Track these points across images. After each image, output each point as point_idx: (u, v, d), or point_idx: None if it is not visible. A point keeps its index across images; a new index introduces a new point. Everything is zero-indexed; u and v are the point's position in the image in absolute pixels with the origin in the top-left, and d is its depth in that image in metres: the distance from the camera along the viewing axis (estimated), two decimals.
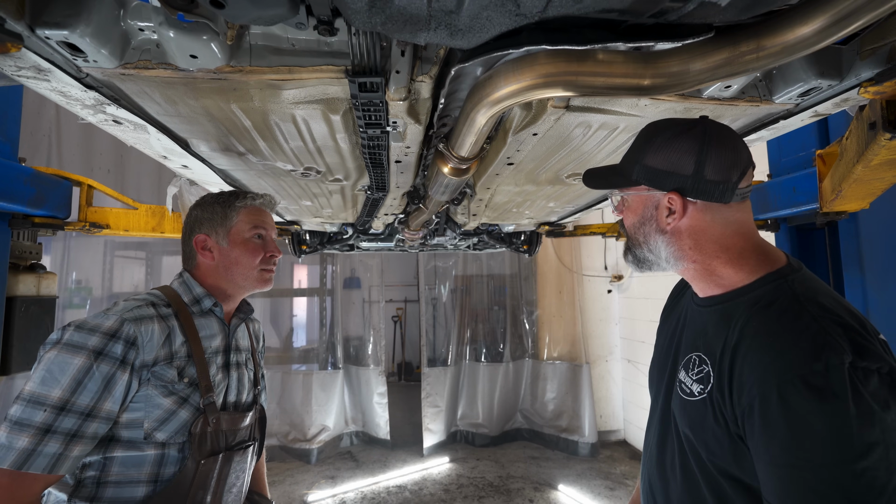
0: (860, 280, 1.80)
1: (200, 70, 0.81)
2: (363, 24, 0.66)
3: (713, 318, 0.80)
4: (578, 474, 4.19)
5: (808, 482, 0.59)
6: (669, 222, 0.79)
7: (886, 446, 0.57)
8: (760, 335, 0.69)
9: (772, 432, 0.63)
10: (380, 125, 1.01)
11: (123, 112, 0.94)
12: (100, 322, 0.88)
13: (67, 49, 0.74)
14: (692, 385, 0.79)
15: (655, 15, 0.67)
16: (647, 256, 0.85)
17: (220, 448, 0.98)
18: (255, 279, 1.10)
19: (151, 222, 2.04)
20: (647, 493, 0.93)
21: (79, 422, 0.81)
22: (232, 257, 1.07)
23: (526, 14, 0.65)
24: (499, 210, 2.09)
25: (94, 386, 0.83)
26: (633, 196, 0.84)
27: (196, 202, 1.13)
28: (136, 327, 0.90)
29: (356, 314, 5.39)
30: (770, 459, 0.63)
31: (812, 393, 0.60)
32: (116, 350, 0.86)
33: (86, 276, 4.31)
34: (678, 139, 0.78)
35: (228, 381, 1.06)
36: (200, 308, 1.05)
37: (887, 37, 0.82)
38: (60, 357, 0.83)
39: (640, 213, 0.84)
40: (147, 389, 0.90)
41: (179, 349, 0.96)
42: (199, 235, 1.08)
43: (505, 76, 0.80)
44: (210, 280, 1.08)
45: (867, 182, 1.20)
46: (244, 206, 1.10)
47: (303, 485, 4.04)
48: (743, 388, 0.67)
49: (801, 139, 1.95)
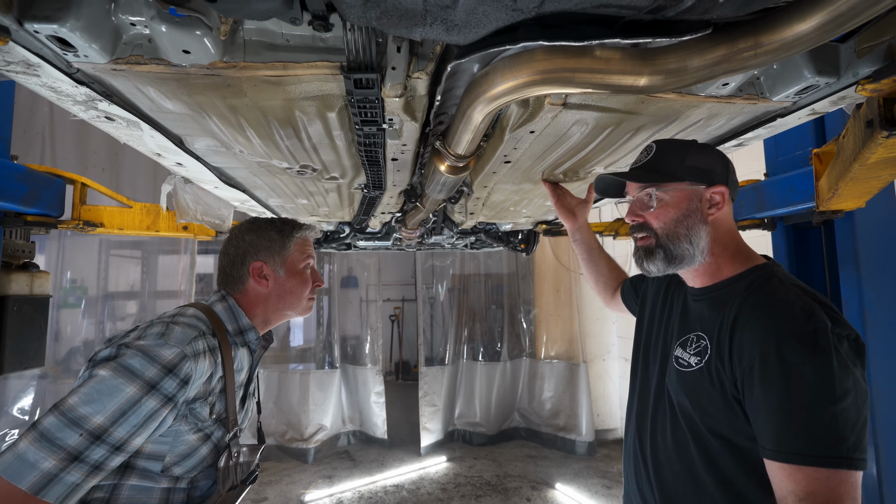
0: (856, 278, 1.80)
1: (193, 66, 0.80)
2: (358, 19, 0.65)
3: (710, 304, 0.93)
4: (576, 473, 4.20)
5: (798, 422, 0.72)
6: (712, 212, 0.92)
7: (856, 393, 0.72)
8: (758, 308, 0.82)
9: (769, 385, 0.75)
10: (376, 122, 1.00)
11: (116, 108, 0.93)
12: (161, 352, 0.83)
13: (57, 43, 0.73)
14: (690, 358, 0.90)
15: (653, 11, 0.66)
16: (684, 251, 0.92)
17: (237, 482, 0.97)
18: (303, 308, 1.11)
19: (146, 221, 2.02)
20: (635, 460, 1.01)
21: (107, 454, 0.77)
22: (287, 287, 1.07)
23: (522, 9, 0.64)
24: (496, 209, 2.08)
25: (135, 420, 0.79)
26: (675, 192, 0.92)
27: (248, 226, 1.11)
28: (194, 364, 0.86)
29: (353, 313, 5.38)
30: (766, 408, 0.75)
31: (804, 348, 0.74)
32: (169, 387, 0.82)
33: (81, 276, 4.29)
34: (707, 147, 0.95)
35: (243, 413, 1.05)
36: (243, 340, 1.03)
37: (884, 34, 0.82)
38: (114, 381, 0.78)
39: (682, 208, 0.92)
40: (180, 425, 0.87)
41: (216, 385, 0.94)
42: (257, 262, 1.06)
43: (502, 73, 0.80)
44: (258, 308, 1.06)
45: (864, 180, 1.20)
46: (301, 236, 1.11)
47: (300, 484, 4.03)
48: (743, 352, 0.79)
49: (798, 138, 1.95)
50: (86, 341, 4.23)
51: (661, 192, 0.93)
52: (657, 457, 0.94)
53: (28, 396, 3.52)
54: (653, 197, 0.94)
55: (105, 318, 4.42)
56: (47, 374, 3.75)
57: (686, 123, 1.10)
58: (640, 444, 1.00)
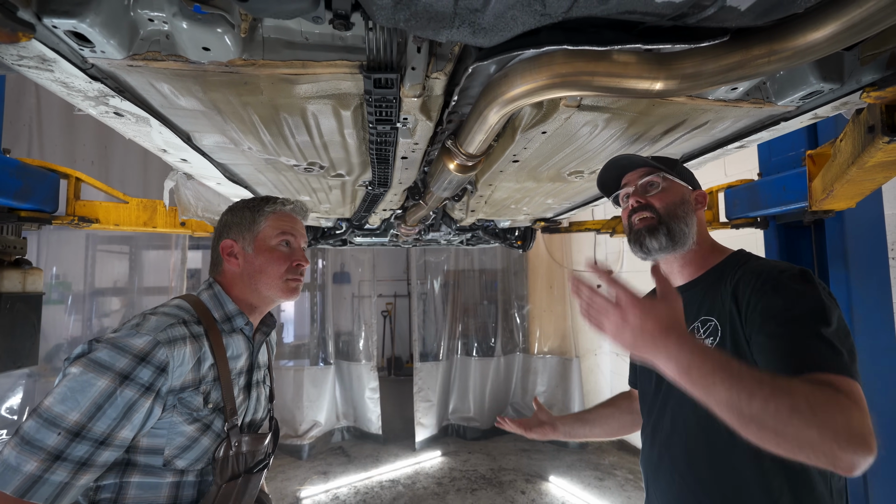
0: (845, 276, 1.86)
1: (212, 63, 0.79)
2: (387, 21, 0.65)
3: (703, 290, 1.00)
4: (569, 465, 4.27)
5: (797, 336, 0.77)
6: (697, 208, 1.06)
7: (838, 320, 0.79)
8: (754, 267, 0.92)
9: (769, 310, 0.82)
10: (390, 121, 1.00)
11: (127, 104, 0.92)
12: (131, 341, 0.82)
13: (74, 39, 0.72)
14: (704, 342, 0.90)
15: (675, 18, 0.68)
16: (682, 231, 1.02)
17: (240, 471, 0.95)
18: (279, 289, 1.03)
19: (143, 217, 1.99)
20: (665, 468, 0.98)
21: (91, 449, 0.76)
22: (256, 265, 1.02)
23: (551, 14, 0.65)
24: (497, 206, 2.10)
25: (113, 412, 0.78)
26: (675, 184, 1.05)
27: (228, 207, 1.08)
28: (169, 351, 0.84)
29: (346, 309, 5.36)
30: (769, 332, 0.80)
31: (799, 279, 0.84)
32: (144, 375, 0.81)
33: (65, 271, 4.19)
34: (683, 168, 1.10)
35: (248, 402, 1.02)
36: (231, 326, 1.00)
37: (887, 44, 0.85)
38: (84, 376, 0.78)
39: (680, 195, 1.04)
40: (172, 416, 0.85)
41: (207, 373, 0.92)
42: (226, 241, 1.03)
43: (521, 75, 0.81)
44: (236, 290, 1.03)
45: (859, 182, 1.24)
46: (273, 211, 1.05)
47: (295, 481, 4.03)
48: (746, 292, 0.87)
49: (791, 139, 2.00)
50: (72, 339, 4.15)
51: (666, 180, 1.05)
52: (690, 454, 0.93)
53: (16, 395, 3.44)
54: (657, 184, 1.05)
55: (92, 315, 4.34)
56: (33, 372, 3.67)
57: (693, 125, 1.12)
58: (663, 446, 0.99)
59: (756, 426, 0.64)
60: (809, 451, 0.63)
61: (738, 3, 0.64)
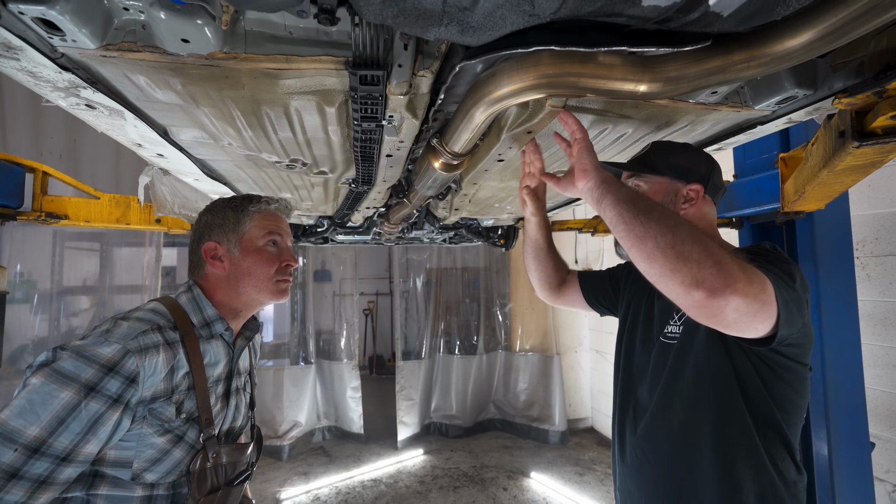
0: (814, 275, 1.94)
1: (191, 55, 0.76)
2: (374, 17, 0.64)
3: None
4: (549, 461, 4.33)
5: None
6: (684, 207, 1.01)
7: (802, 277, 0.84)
8: None
9: None
10: (376, 119, 0.99)
11: (100, 96, 0.88)
12: (98, 350, 0.76)
13: (43, 26, 0.68)
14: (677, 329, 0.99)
15: (659, 22, 0.69)
16: None
17: (219, 484, 0.90)
18: (270, 291, 0.99)
19: (115, 213, 1.91)
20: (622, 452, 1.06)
21: (52, 466, 0.71)
22: (244, 267, 0.97)
23: (539, 14, 0.65)
24: (481, 205, 2.10)
25: (77, 426, 0.73)
26: (653, 184, 1.03)
27: (206, 207, 1.03)
28: (140, 360, 0.79)
29: (328, 307, 5.30)
30: None
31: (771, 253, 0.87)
32: (112, 387, 0.76)
33: (31, 269, 4.01)
34: (694, 150, 1.04)
35: (226, 411, 0.98)
36: (210, 332, 0.95)
37: (857, 52, 0.89)
38: (46, 387, 0.72)
39: (658, 199, 1.00)
40: (141, 428, 0.81)
41: (181, 382, 0.87)
42: (209, 243, 0.98)
43: (508, 74, 0.81)
44: (220, 294, 0.98)
45: (829, 185, 1.29)
46: (258, 210, 1.01)
47: (275, 482, 3.96)
48: None
49: (764, 142, 2.07)
50: (38, 339, 3.97)
51: (640, 181, 1.04)
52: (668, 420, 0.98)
53: None
54: (638, 188, 1.03)
55: (60, 315, 4.16)
56: None
57: (674, 128, 1.15)
58: (627, 431, 1.05)
59: (641, 230, 0.76)
60: (671, 272, 0.72)
61: (721, 9, 0.65)
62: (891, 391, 2.38)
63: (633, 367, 1.10)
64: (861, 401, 1.82)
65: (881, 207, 2.45)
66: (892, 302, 2.39)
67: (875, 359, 2.44)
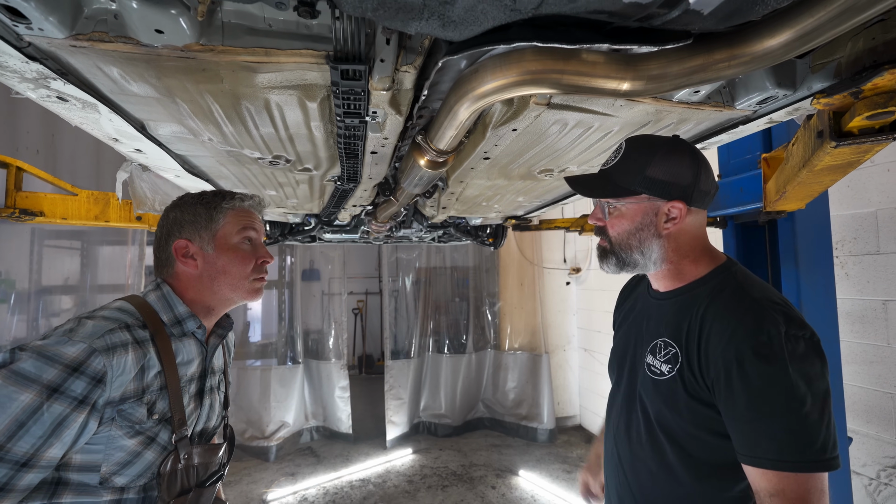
0: (795, 273, 1.97)
1: (166, 47, 0.74)
2: (353, 9, 0.63)
3: (675, 308, 0.94)
4: (538, 459, 4.35)
5: (766, 430, 0.77)
6: (668, 227, 0.92)
7: (812, 395, 0.75)
8: (718, 319, 0.85)
9: (735, 397, 0.79)
10: (359, 115, 0.98)
11: (71, 88, 0.85)
12: (62, 350, 0.73)
13: (6, 13, 0.65)
14: (661, 366, 0.92)
15: (641, 19, 0.69)
16: (636, 260, 0.94)
17: (190, 486, 0.88)
18: (245, 290, 0.97)
19: (94, 210, 1.87)
20: (614, 465, 1.02)
21: (10, 473, 0.67)
22: (219, 266, 0.94)
23: (520, 9, 0.65)
24: (469, 203, 2.10)
25: (38, 430, 0.69)
26: (630, 205, 0.93)
27: (174, 203, 0.99)
28: (107, 360, 0.76)
29: (316, 307, 5.25)
30: (736, 417, 0.80)
31: (760, 360, 0.77)
32: (76, 388, 0.72)
33: (7, 268, 3.90)
34: (675, 154, 0.90)
35: (200, 410, 0.95)
36: (182, 330, 0.92)
37: (835, 53, 0.90)
38: (4, 390, 0.68)
39: (636, 221, 0.92)
40: (110, 430, 0.78)
41: (152, 381, 0.84)
42: (180, 241, 0.94)
43: (492, 71, 0.80)
44: (191, 293, 0.94)
45: (808, 185, 1.31)
46: (231, 207, 0.98)
47: (261, 483, 3.92)
48: (710, 365, 0.83)
49: (748, 143, 2.10)
50: (15, 340, 3.87)
51: (617, 204, 0.94)
52: (634, 461, 0.96)
53: None
54: (605, 209, 0.96)
55: (39, 315, 4.05)
56: None
57: (658, 127, 1.15)
58: (617, 450, 1.01)
59: None
60: None
61: (701, 7, 0.66)
62: (868, 387, 2.44)
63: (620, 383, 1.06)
64: (839, 396, 1.86)
65: (860, 208, 2.51)
66: (870, 300, 2.45)
67: (853, 356, 2.49)
